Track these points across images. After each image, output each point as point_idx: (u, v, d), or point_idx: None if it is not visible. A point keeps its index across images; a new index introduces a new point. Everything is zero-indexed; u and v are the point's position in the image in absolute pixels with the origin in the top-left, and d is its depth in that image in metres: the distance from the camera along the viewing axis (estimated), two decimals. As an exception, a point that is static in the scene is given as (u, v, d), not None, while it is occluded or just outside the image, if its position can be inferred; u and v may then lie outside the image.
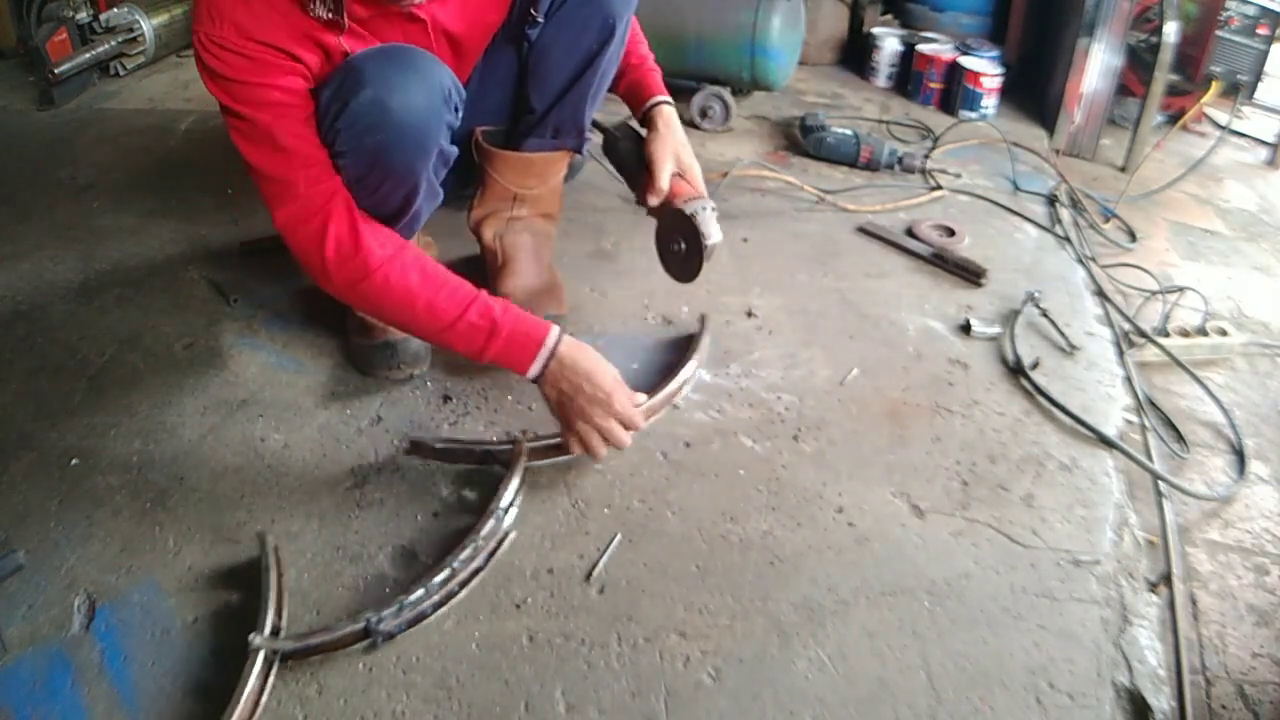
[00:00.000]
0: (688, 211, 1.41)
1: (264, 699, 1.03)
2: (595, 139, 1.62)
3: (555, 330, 1.27)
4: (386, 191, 1.26)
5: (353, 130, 1.19)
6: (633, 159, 1.51)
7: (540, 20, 1.42)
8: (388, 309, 1.27)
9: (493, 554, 1.21)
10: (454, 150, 1.34)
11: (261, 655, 1.03)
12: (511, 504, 1.27)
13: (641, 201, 1.49)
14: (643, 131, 1.52)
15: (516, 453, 1.31)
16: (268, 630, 1.07)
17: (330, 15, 1.18)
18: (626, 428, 1.28)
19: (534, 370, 1.26)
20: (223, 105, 1.19)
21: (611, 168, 1.59)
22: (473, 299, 1.25)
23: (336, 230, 1.21)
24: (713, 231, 1.41)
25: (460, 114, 1.30)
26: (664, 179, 1.43)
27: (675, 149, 1.47)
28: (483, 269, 1.67)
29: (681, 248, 1.45)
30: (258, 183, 1.23)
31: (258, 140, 1.19)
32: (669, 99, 1.53)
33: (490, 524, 1.21)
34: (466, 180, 1.64)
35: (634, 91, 1.55)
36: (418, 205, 1.32)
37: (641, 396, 1.36)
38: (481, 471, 1.34)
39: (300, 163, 1.20)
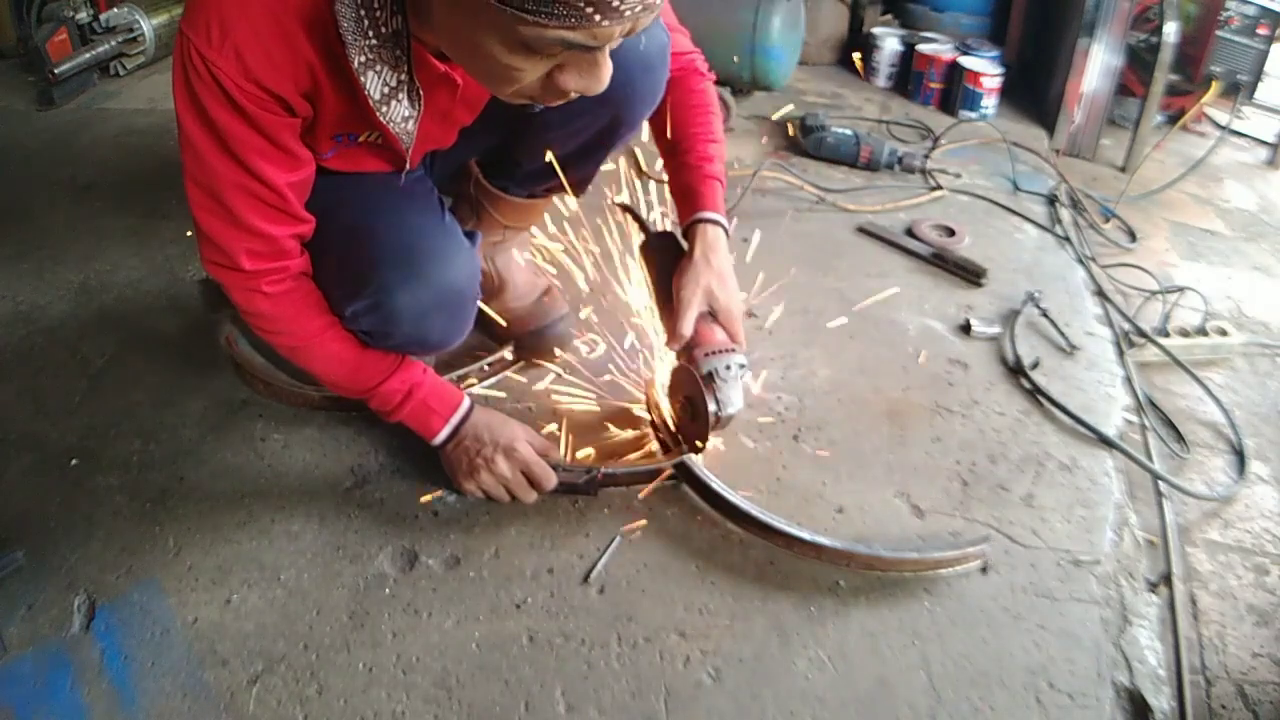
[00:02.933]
0: (703, 371, 1.19)
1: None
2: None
3: (468, 401, 1.29)
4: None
5: (388, 343, 1.21)
6: (665, 277, 1.27)
7: (539, 107, 1.24)
8: (303, 365, 1.24)
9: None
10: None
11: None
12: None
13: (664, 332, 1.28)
14: (685, 246, 1.30)
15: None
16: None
17: (388, 89, 0.98)
18: (532, 482, 1.27)
19: (444, 433, 1.27)
20: (185, 133, 1.00)
21: (645, 275, 1.36)
22: (395, 366, 1.24)
23: (269, 303, 1.13)
24: (730, 400, 1.19)
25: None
26: (685, 324, 1.23)
27: (708, 285, 1.25)
28: None
29: (690, 412, 1.25)
30: (195, 227, 1.08)
31: (209, 196, 1.04)
32: (718, 217, 1.29)
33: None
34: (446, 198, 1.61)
35: (682, 198, 1.32)
36: None
37: (557, 455, 1.31)
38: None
39: (249, 239, 1.07)
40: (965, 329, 1.70)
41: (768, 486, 1.35)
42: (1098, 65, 2.45)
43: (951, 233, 2.02)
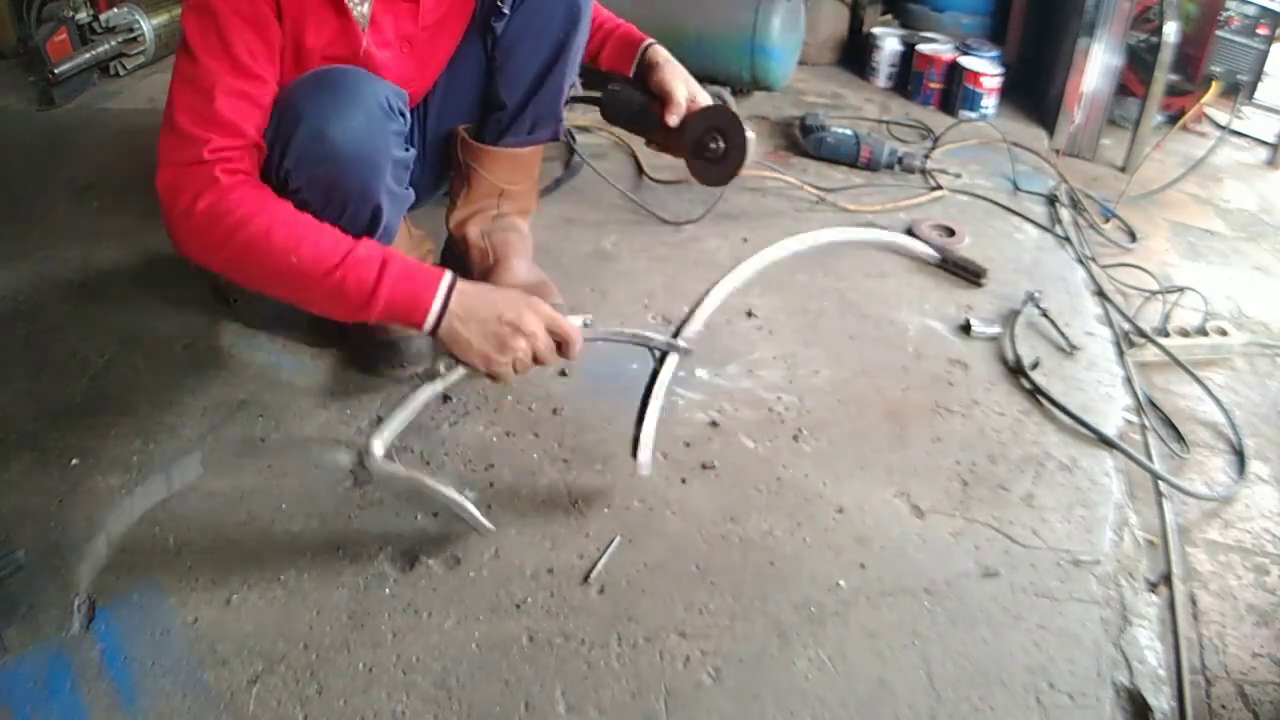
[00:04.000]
0: (716, 101, 1.43)
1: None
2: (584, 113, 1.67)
3: (449, 273, 1.15)
4: (351, 214, 1.25)
5: (299, 166, 1.19)
6: (638, 102, 1.52)
7: (506, 11, 1.42)
8: (258, 264, 1.12)
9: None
10: (410, 155, 1.33)
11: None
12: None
13: (655, 138, 1.52)
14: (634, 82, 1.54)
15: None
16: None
17: None
18: (558, 339, 1.16)
19: (435, 306, 1.11)
20: (184, 36, 1.15)
21: (617, 128, 1.63)
22: (357, 241, 1.12)
23: (218, 194, 1.10)
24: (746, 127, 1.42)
25: (407, 120, 1.29)
26: (680, 94, 1.47)
27: (683, 74, 1.50)
28: (462, 269, 1.64)
29: (719, 145, 1.44)
30: (163, 129, 1.15)
31: (191, 91, 1.13)
32: (656, 43, 1.55)
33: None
34: (442, 179, 1.65)
35: (621, 50, 1.56)
36: (386, 219, 1.31)
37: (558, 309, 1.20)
38: (483, 475, 1.34)
39: (219, 133, 1.11)
40: (965, 329, 1.70)
41: (768, 486, 1.35)
42: (1098, 65, 2.45)
43: (951, 233, 2.01)
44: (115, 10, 2.73)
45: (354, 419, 1.44)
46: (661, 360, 1.39)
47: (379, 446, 1.15)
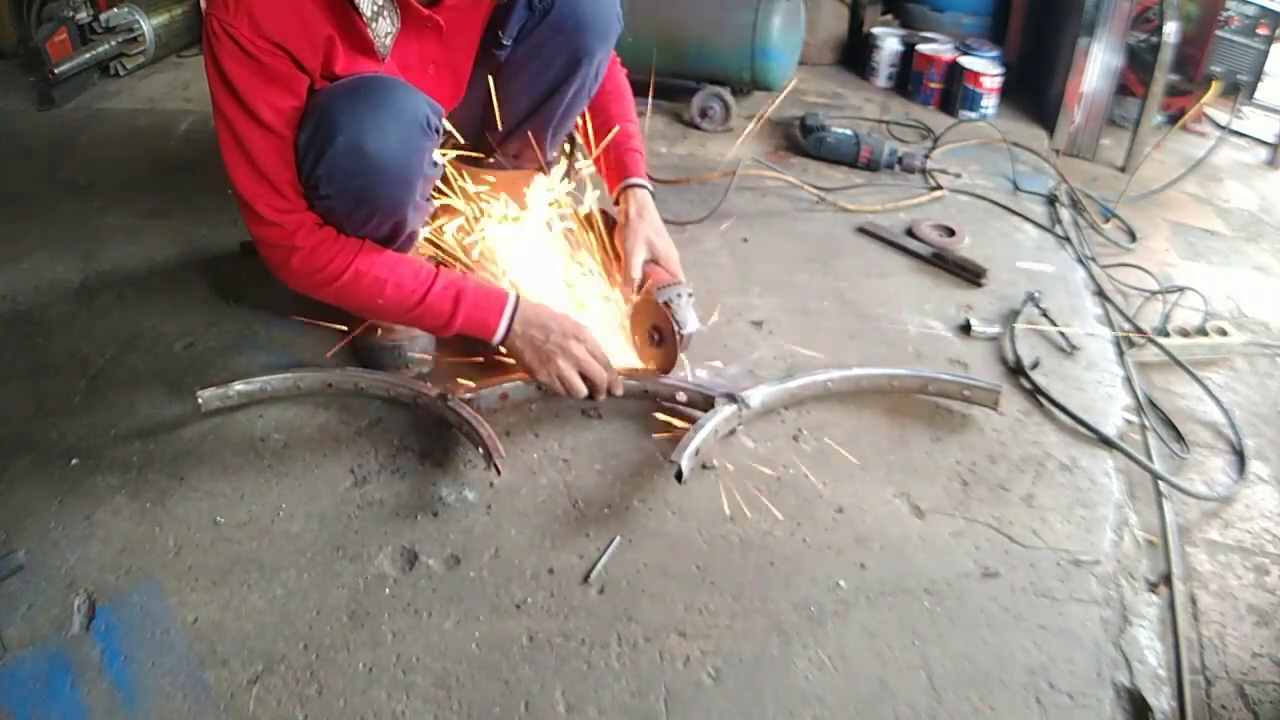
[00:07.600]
0: (661, 300, 1.38)
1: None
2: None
3: (514, 293, 1.37)
4: (376, 223, 1.29)
5: (333, 176, 1.20)
6: (608, 248, 1.50)
7: (507, 43, 1.42)
8: (354, 302, 1.35)
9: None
10: (438, 170, 1.35)
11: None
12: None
13: (615, 289, 1.48)
14: (616, 215, 1.51)
15: None
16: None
17: (376, 8, 1.18)
18: (588, 376, 1.36)
19: (501, 328, 1.34)
20: (215, 100, 1.20)
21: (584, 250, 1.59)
22: (434, 274, 1.32)
23: (300, 253, 1.26)
24: (689, 320, 1.38)
25: (441, 135, 1.31)
26: (635, 269, 1.44)
27: (647, 236, 1.46)
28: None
29: (657, 337, 1.43)
30: (231, 187, 1.25)
31: (237, 151, 1.21)
32: (644, 182, 1.52)
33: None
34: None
35: (611, 172, 1.55)
36: (409, 229, 1.35)
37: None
38: (482, 475, 1.34)
39: (271, 191, 1.23)
40: (965, 329, 1.70)
41: (768, 486, 1.35)
42: (1098, 65, 2.45)
43: (951, 233, 2.02)
44: (115, 10, 2.73)
45: (354, 419, 1.44)
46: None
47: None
